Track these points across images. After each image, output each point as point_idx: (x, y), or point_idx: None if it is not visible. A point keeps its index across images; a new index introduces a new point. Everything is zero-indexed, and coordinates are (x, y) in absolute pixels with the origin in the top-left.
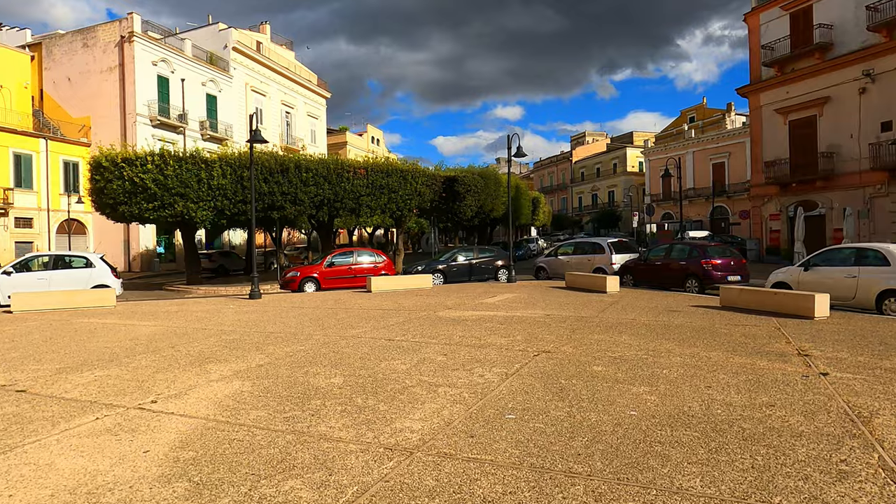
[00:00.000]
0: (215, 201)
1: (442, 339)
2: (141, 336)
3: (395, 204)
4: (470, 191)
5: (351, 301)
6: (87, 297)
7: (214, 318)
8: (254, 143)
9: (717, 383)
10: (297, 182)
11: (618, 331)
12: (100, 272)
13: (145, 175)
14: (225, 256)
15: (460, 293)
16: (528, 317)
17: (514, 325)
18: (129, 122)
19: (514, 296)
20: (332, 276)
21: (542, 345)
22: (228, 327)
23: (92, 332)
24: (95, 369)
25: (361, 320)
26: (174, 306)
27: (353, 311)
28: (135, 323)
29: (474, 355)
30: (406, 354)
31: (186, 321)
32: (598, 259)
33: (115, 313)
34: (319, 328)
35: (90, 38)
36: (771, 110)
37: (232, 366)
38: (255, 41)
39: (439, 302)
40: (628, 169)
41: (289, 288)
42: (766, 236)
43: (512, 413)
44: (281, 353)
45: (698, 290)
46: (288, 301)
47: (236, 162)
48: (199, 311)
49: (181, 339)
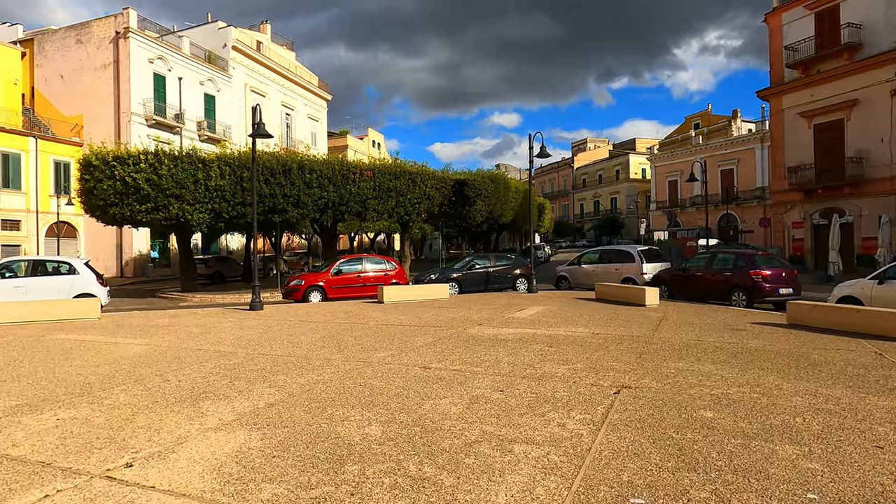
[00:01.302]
0: (213, 203)
1: (488, 367)
2: (124, 358)
3: (403, 208)
4: (480, 195)
5: (364, 314)
6: (67, 307)
7: (211, 334)
8: (257, 137)
9: (885, 440)
10: (301, 184)
11: (692, 356)
12: (84, 279)
13: (138, 175)
14: (222, 262)
15: (483, 305)
16: (574, 336)
17: (564, 348)
18: (124, 122)
19: (544, 309)
20: (339, 284)
21: (615, 376)
22: (228, 347)
23: (66, 353)
24: (60, 407)
25: (383, 340)
26: (166, 319)
27: (370, 328)
28: (118, 341)
29: (537, 391)
30: (452, 389)
31: (179, 338)
32: (627, 268)
33: (98, 327)
34: (336, 349)
35: (84, 34)
36: (794, 114)
37: (234, 405)
38: (256, 41)
39: (464, 316)
40: (631, 176)
41: (292, 297)
42: (788, 245)
43: (639, 497)
44: (294, 385)
45: (746, 303)
46: (293, 313)
47: (235, 162)
48: (194, 325)
49: (171, 363)
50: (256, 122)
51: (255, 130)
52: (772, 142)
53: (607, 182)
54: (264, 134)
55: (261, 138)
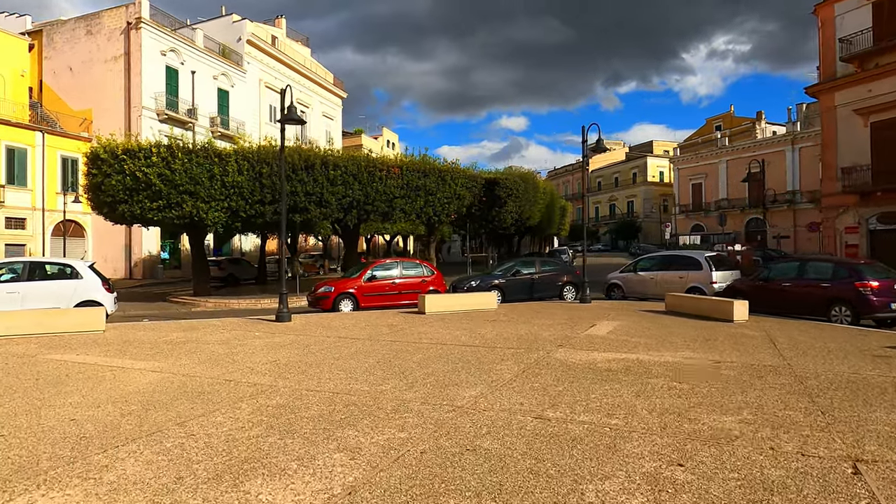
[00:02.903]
0: (229, 201)
1: (627, 418)
2: (133, 394)
3: (432, 208)
4: (511, 195)
5: (411, 329)
6: (68, 318)
7: (239, 355)
8: (287, 122)
9: None
10: (324, 181)
11: (886, 400)
12: (87, 285)
13: (149, 169)
14: (235, 264)
15: (543, 319)
16: (692, 365)
17: (699, 384)
18: (134, 116)
19: (618, 324)
20: (372, 292)
21: (817, 437)
22: (265, 377)
23: (60, 384)
24: (39, 488)
25: (457, 368)
26: (181, 332)
27: (426, 348)
28: (126, 364)
29: (737, 468)
30: (604, 461)
31: (200, 361)
32: (694, 277)
33: (102, 344)
34: (404, 383)
35: (94, 25)
36: (848, 111)
37: (296, 486)
38: (271, 35)
39: (531, 333)
40: (649, 179)
41: (320, 306)
42: (840, 251)
43: None
44: (374, 448)
45: (850, 320)
46: (328, 326)
47: (254, 156)
48: (216, 341)
49: (195, 401)
50: (287, 107)
51: (284, 115)
52: (822, 141)
53: (624, 185)
54: (296, 119)
55: (291, 124)
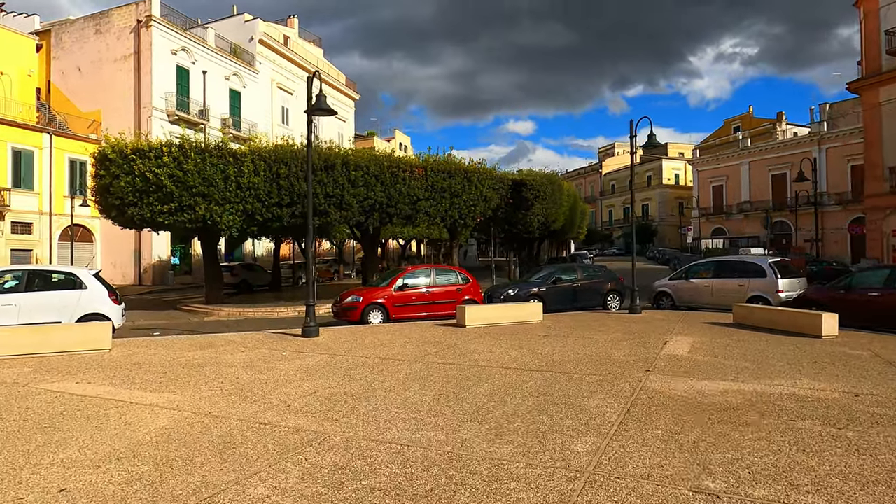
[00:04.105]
0: (245, 203)
1: (830, 494)
2: (142, 443)
3: (457, 210)
4: (538, 197)
5: (458, 346)
6: (69, 335)
7: (268, 383)
8: (316, 113)
9: None
10: (345, 182)
11: None
12: (92, 295)
13: (160, 170)
14: (248, 270)
15: (599, 333)
16: (825, 399)
17: (870, 433)
18: (144, 117)
19: (694, 341)
20: (404, 302)
21: None
22: (307, 418)
23: (51, 428)
24: None
25: (536, 401)
26: (197, 351)
27: (489, 374)
28: (134, 398)
29: None
30: None
31: (223, 393)
32: (756, 285)
33: (107, 367)
34: (487, 428)
35: (103, 24)
36: (895, 107)
37: None
38: (283, 35)
39: (599, 353)
40: (664, 181)
41: (347, 317)
42: (887, 255)
43: None
44: None
45: None
46: (361, 343)
47: (271, 156)
48: (239, 363)
49: (223, 460)
50: (316, 96)
51: (313, 105)
52: (866, 140)
53: (638, 188)
54: (326, 109)
55: (320, 115)
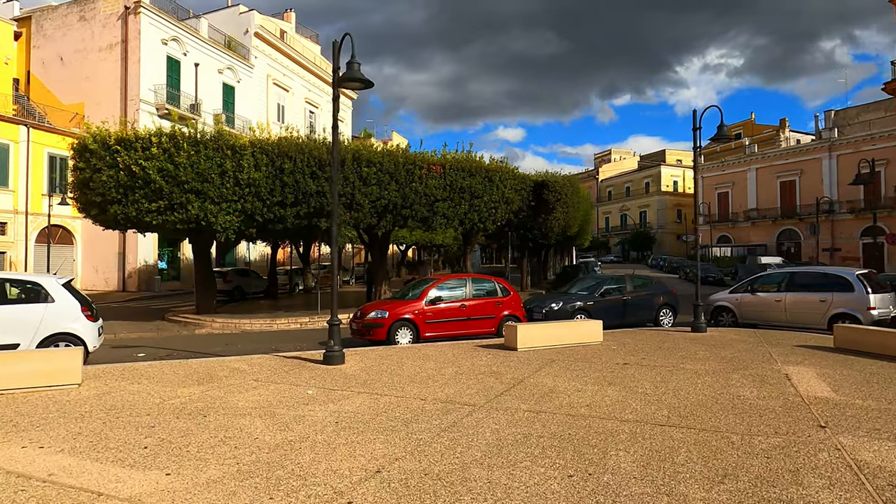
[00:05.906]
0: (243, 202)
1: None
2: None
3: (477, 213)
4: (560, 200)
5: (530, 381)
6: (24, 366)
7: (304, 452)
8: (346, 83)
9: None
10: (355, 179)
11: None
12: (60, 310)
13: (148, 163)
14: (242, 276)
15: (685, 361)
16: None
17: None
18: (131, 110)
19: (816, 372)
20: (436, 318)
21: None
22: None
23: None
24: None
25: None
26: (195, 387)
27: (597, 426)
28: (104, 485)
29: None
30: None
31: (238, 475)
32: (842, 300)
33: (73, 415)
34: None
35: (88, 11)
36: None
37: None
38: (279, 29)
39: (725, 393)
40: (662, 188)
41: (371, 336)
42: None
43: None
44: None
45: None
46: (401, 374)
47: (274, 149)
48: (251, 410)
49: None
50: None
51: (345, 74)
52: None
53: (636, 195)
54: (359, 78)
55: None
